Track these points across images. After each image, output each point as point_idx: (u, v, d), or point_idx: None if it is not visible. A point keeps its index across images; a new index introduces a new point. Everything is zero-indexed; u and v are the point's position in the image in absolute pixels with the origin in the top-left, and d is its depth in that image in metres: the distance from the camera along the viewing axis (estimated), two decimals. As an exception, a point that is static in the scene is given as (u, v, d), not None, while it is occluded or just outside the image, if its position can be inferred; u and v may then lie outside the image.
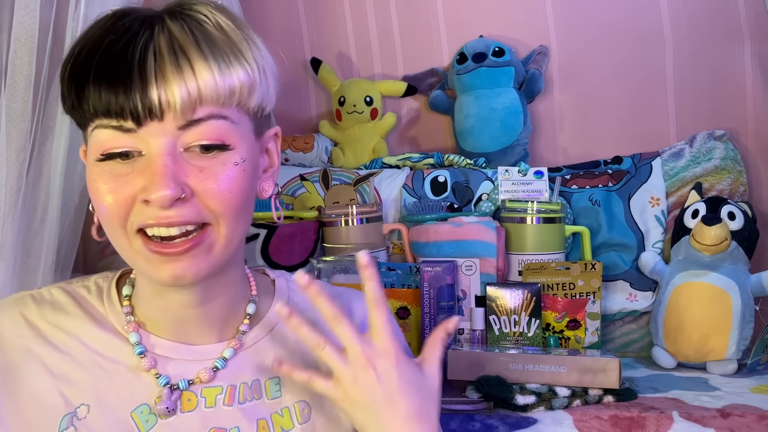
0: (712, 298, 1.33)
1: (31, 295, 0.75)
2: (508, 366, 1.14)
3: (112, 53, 0.64)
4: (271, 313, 0.78)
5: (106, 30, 0.66)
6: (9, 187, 1.01)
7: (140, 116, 0.63)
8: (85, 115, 0.66)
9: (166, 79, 0.63)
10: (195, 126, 0.65)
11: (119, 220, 0.66)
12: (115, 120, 0.64)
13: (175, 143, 0.65)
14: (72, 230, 1.15)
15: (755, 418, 1.03)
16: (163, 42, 0.64)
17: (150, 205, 0.64)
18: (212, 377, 0.73)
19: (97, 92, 0.64)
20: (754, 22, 1.58)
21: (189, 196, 0.65)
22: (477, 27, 1.69)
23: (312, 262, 1.35)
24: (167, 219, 0.64)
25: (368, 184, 1.50)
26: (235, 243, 0.70)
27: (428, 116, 1.75)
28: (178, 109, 0.63)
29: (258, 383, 0.75)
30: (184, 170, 0.65)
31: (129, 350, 0.73)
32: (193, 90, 0.63)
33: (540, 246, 1.39)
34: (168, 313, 0.73)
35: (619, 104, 1.66)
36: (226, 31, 0.67)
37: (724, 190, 1.51)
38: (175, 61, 0.63)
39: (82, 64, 0.65)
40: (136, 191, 0.65)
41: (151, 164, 0.64)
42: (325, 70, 1.72)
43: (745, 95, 1.60)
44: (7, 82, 1.00)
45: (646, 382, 1.25)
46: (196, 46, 0.65)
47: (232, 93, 0.66)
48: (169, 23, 0.66)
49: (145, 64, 0.63)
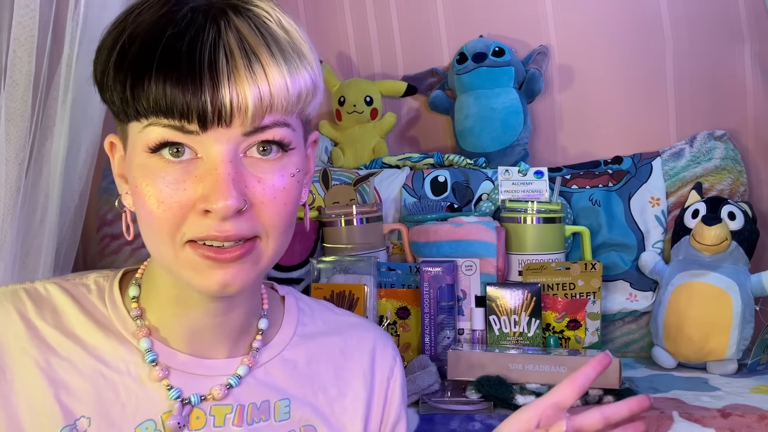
0: (712, 298, 1.33)
1: (24, 290, 0.69)
2: (508, 366, 1.14)
3: (177, 48, 0.59)
4: (283, 333, 0.76)
5: (163, 18, 0.60)
6: (9, 187, 1.01)
7: (207, 118, 0.59)
8: (139, 110, 0.60)
9: (240, 82, 0.59)
10: (260, 132, 0.61)
11: (170, 229, 0.61)
12: (177, 120, 0.59)
13: (237, 149, 0.61)
14: (72, 230, 1.15)
15: (755, 418, 1.03)
16: (233, 41, 0.60)
17: (209, 216, 0.60)
18: (225, 395, 0.69)
19: (161, 88, 0.58)
20: (754, 22, 1.58)
21: (248, 207, 0.61)
22: (477, 27, 1.69)
23: (312, 262, 1.35)
24: (224, 232, 0.60)
25: (368, 184, 1.50)
26: (279, 255, 0.66)
27: (428, 116, 1.75)
28: (249, 113, 0.60)
29: (267, 404, 0.71)
30: (245, 179, 0.61)
31: (135, 358, 0.68)
32: (265, 94, 0.60)
33: (540, 246, 1.39)
34: (184, 320, 0.69)
35: (619, 104, 1.66)
36: (289, 31, 0.64)
37: (724, 190, 1.51)
38: (248, 63, 0.60)
39: (140, 55, 0.59)
40: (194, 199, 0.60)
41: (212, 171, 0.60)
42: (325, 70, 1.72)
43: (745, 95, 1.60)
44: (7, 82, 1.00)
45: (646, 382, 1.25)
46: (267, 48, 0.61)
47: (299, 99, 0.62)
48: (235, 20, 0.61)
49: (217, 64, 0.59)
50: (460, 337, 1.34)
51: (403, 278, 1.36)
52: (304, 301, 0.81)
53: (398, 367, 0.80)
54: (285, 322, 0.77)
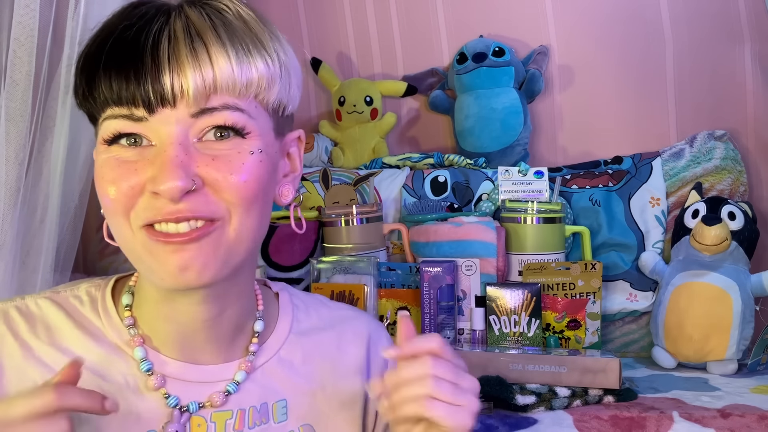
0: (712, 298, 1.33)
1: (16, 308, 0.68)
2: (508, 366, 1.14)
3: (124, 38, 0.60)
4: (278, 332, 0.75)
5: (121, 18, 0.63)
6: (8, 187, 1.01)
7: (151, 102, 0.60)
8: (95, 104, 0.62)
9: (180, 64, 0.60)
10: (208, 114, 0.62)
11: (123, 210, 0.62)
12: (126, 108, 0.61)
13: (187, 132, 0.61)
14: (72, 230, 1.15)
15: (755, 418, 1.03)
16: (179, 26, 0.61)
17: (159, 197, 0.60)
18: (224, 402, 0.69)
19: (108, 79, 0.60)
20: (754, 22, 1.58)
21: (200, 186, 0.61)
22: (477, 27, 1.69)
23: (312, 262, 1.35)
24: (176, 213, 0.60)
25: (368, 184, 1.50)
26: (246, 241, 0.65)
27: (428, 116, 1.75)
28: (191, 96, 0.60)
29: (266, 407, 0.71)
30: (196, 160, 0.61)
31: (132, 369, 0.67)
32: (208, 77, 0.60)
33: (540, 246, 1.39)
34: (175, 325, 0.68)
35: (619, 104, 1.66)
36: (246, 21, 0.64)
37: (724, 190, 1.51)
38: (190, 45, 0.60)
39: (95, 53, 0.61)
40: (144, 181, 0.61)
41: (161, 154, 0.60)
42: (325, 70, 1.72)
43: (745, 95, 1.60)
44: (7, 82, 1.00)
45: (646, 382, 1.25)
46: (214, 31, 0.61)
47: (249, 83, 0.62)
48: (187, 10, 0.63)
49: (158, 49, 0.60)
50: (460, 337, 1.34)
51: (403, 278, 1.36)
52: (298, 296, 0.80)
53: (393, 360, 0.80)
54: (280, 320, 0.76)
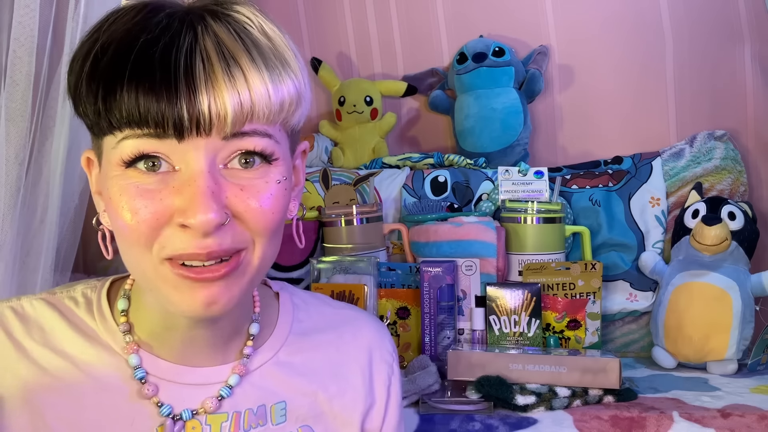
0: (712, 298, 1.33)
1: (11, 308, 0.67)
2: (509, 366, 1.14)
3: (151, 54, 0.56)
4: (278, 333, 0.74)
5: (137, 26, 0.57)
6: (8, 187, 1.01)
7: (184, 127, 0.56)
8: (112, 122, 0.57)
9: (218, 88, 0.56)
10: (239, 138, 0.58)
11: (146, 241, 0.58)
12: (152, 129, 0.56)
13: (215, 159, 0.58)
14: (72, 230, 1.15)
15: (755, 418, 1.03)
16: (210, 46, 0.57)
17: (188, 231, 0.56)
18: (217, 407, 0.68)
19: (133, 98, 0.55)
20: (754, 22, 1.58)
21: (230, 220, 0.58)
22: (477, 27, 1.69)
23: (312, 262, 1.35)
24: (206, 249, 0.57)
25: (368, 184, 1.50)
26: (267, 267, 0.63)
27: (428, 116, 1.75)
28: (228, 121, 0.56)
29: (264, 409, 0.70)
30: (225, 190, 0.58)
31: (127, 374, 0.66)
32: (246, 101, 0.57)
33: (540, 246, 1.39)
34: (175, 333, 0.67)
35: (619, 104, 1.66)
36: (271, 38, 0.61)
37: (724, 190, 1.51)
38: (226, 68, 0.56)
39: (112, 64, 0.56)
40: (170, 211, 0.57)
41: (190, 183, 0.56)
42: (325, 70, 1.72)
43: (745, 95, 1.60)
44: (7, 82, 1.00)
45: (646, 382, 1.25)
46: (247, 53, 0.58)
47: (281, 108, 0.59)
48: (213, 25, 0.59)
49: (194, 69, 0.55)
50: (460, 337, 1.34)
51: (403, 278, 1.36)
52: (299, 295, 0.79)
53: (396, 363, 0.80)
54: (280, 321, 0.75)
